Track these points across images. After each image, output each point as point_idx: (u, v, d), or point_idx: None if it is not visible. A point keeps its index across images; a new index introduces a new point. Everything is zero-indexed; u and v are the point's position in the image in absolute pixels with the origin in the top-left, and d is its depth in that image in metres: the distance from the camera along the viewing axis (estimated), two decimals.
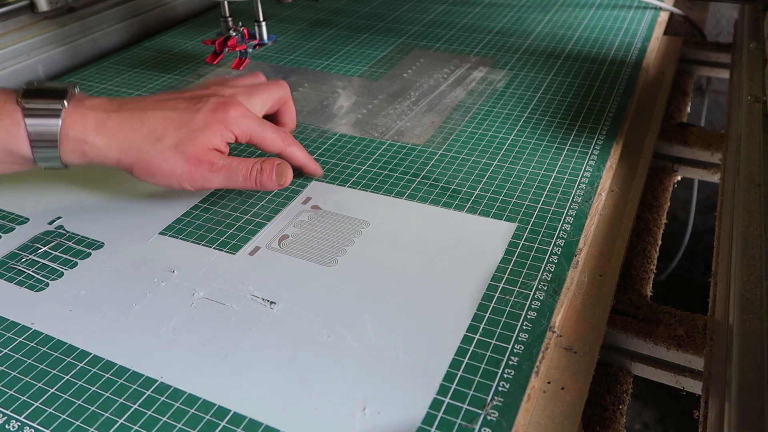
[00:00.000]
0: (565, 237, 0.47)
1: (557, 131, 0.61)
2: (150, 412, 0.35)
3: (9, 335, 0.40)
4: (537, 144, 0.59)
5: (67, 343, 0.40)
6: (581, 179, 0.54)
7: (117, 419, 0.35)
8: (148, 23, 0.92)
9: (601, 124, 0.62)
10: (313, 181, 0.55)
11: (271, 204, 0.52)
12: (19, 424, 0.35)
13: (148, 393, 0.36)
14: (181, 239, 0.48)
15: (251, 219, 0.50)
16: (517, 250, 0.46)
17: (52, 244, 0.48)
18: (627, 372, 0.45)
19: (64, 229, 0.50)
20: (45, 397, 0.36)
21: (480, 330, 0.40)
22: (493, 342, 0.39)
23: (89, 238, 0.49)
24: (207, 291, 0.43)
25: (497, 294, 0.42)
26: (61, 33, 0.81)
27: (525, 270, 0.44)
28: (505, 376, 0.37)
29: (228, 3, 0.72)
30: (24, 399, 0.36)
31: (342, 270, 0.45)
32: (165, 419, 0.35)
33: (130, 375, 0.37)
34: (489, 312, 0.41)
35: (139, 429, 0.34)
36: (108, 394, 0.36)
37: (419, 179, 0.55)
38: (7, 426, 0.35)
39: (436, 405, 0.35)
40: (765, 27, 0.67)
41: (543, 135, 0.61)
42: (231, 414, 0.35)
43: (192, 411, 0.35)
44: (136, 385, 0.37)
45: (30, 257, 0.47)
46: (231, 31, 0.73)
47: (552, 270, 0.44)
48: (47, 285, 0.44)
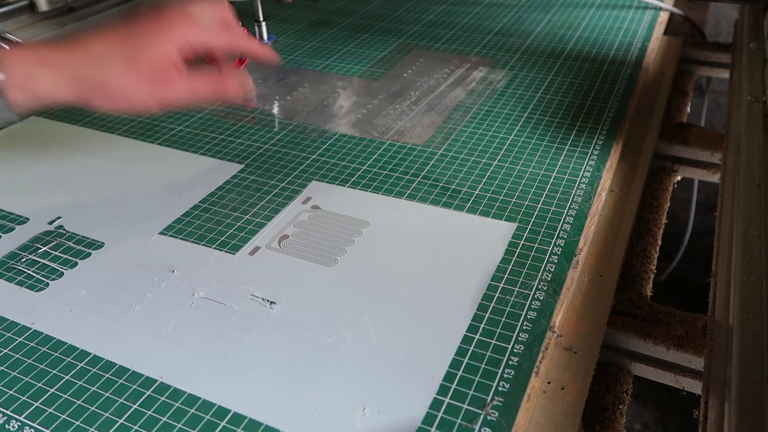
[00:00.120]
0: (565, 237, 0.47)
1: (557, 131, 0.61)
2: (150, 412, 0.35)
3: (9, 335, 0.40)
4: (537, 144, 0.59)
5: (67, 343, 0.40)
6: (581, 179, 0.54)
7: (117, 419, 0.35)
8: None
9: (601, 124, 0.62)
10: (313, 181, 0.55)
11: (271, 204, 0.52)
12: (19, 424, 0.35)
13: (148, 393, 0.36)
14: (181, 239, 0.48)
15: (251, 219, 0.50)
16: (517, 250, 0.46)
17: (52, 244, 0.48)
18: (627, 372, 0.45)
19: (64, 229, 0.50)
20: (45, 397, 0.36)
21: (480, 330, 0.40)
22: (493, 342, 0.39)
23: (89, 238, 0.49)
24: (207, 291, 0.43)
25: (497, 294, 0.42)
26: (61, 33, 0.81)
27: (525, 270, 0.44)
28: (505, 376, 0.37)
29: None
30: (24, 399, 0.36)
31: (342, 270, 0.45)
32: (165, 419, 0.35)
33: (130, 375, 0.37)
34: (489, 312, 0.41)
35: (139, 429, 0.34)
36: (108, 394, 0.36)
37: (419, 179, 0.55)
38: (7, 426, 0.35)
39: (436, 405, 0.35)
40: (765, 27, 0.67)
41: (543, 135, 0.61)
42: (231, 414, 0.35)
43: (192, 411, 0.35)
44: (136, 385, 0.37)
45: (30, 257, 0.47)
46: None
47: (552, 270, 0.44)
48: (47, 285, 0.44)
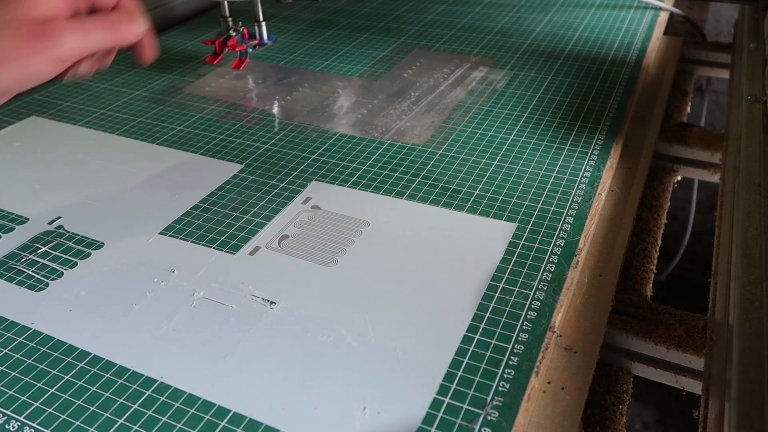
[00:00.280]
0: (565, 237, 0.47)
1: (557, 131, 0.61)
2: (150, 412, 0.35)
3: (9, 335, 0.40)
4: (537, 144, 0.59)
5: (67, 343, 0.40)
6: (581, 179, 0.54)
7: (117, 419, 0.35)
8: None
9: (601, 124, 0.62)
10: (313, 181, 0.55)
11: (271, 204, 0.52)
12: (19, 424, 0.35)
13: (148, 393, 0.36)
14: (181, 239, 0.48)
15: (251, 219, 0.50)
16: (517, 250, 0.46)
17: (52, 244, 0.48)
18: (627, 372, 0.45)
19: (64, 229, 0.50)
20: (45, 397, 0.36)
21: (480, 330, 0.40)
22: (493, 342, 0.39)
23: (89, 238, 0.49)
24: (207, 291, 0.43)
25: (497, 294, 0.42)
26: None
27: (525, 270, 0.44)
28: (505, 376, 0.37)
29: (228, 3, 0.72)
30: (24, 399, 0.36)
31: (342, 270, 0.45)
32: (165, 419, 0.35)
33: (130, 375, 0.37)
34: (489, 312, 0.41)
35: (139, 429, 0.34)
36: (108, 394, 0.36)
37: (419, 179, 0.55)
38: (7, 426, 0.35)
39: (436, 405, 0.35)
40: (765, 27, 0.67)
41: (543, 135, 0.61)
42: (231, 414, 0.35)
43: (192, 411, 0.35)
44: (136, 385, 0.37)
45: (30, 257, 0.47)
46: (231, 31, 0.73)
47: (552, 270, 0.44)
48: (47, 285, 0.44)
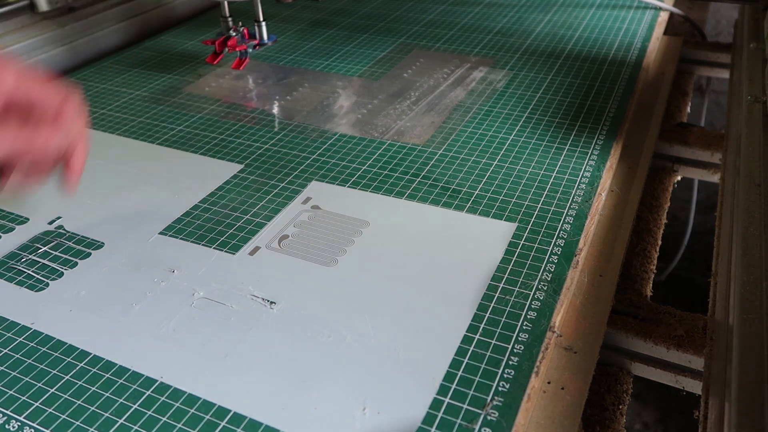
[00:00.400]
0: (565, 237, 0.47)
1: (557, 131, 0.61)
2: (150, 412, 0.35)
3: (9, 335, 0.40)
4: (537, 144, 0.59)
5: (67, 343, 0.40)
6: (581, 179, 0.54)
7: (117, 419, 0.35)
8: (148, 23, 0.92)
9: (601, 124, 0.62)
10: (313, 181, 0.55)
11: (271, 204, 0.52)
12: (19, 424, 0.35)
13: (148, 393, 0.36)
14: (181, 239, 0.48)
15: (251, 219, 0.50)
16: (517, 250, 0.46)
17: (52, 244, 0.48)
18: (627, 372, 0.45)
19: (64, 229, 0.50)
20: (45, 397, 0.36)
21: (480, 330, 0.40)
22: (493, 342, 0.39)
23: (89, 238, 0.49)
24: (207, 291, 0.43)
25: (497, 294, 0.42)
26: (61, 33, 0.81)
27: (525, 270, 0.44)
28: (505, 376, 0.37)
29: (228, 3, 0.72)
30: (24, 399, 0.36)
31: (342, 270, 0.45)
32: (165, 419, 0.35)
33: (130, 375, 0.37)
34: (489, 312, 0.41)
35: (139, 429, 0.34)
36: (108, 394, 0.36)
37: (419, 179, 0.55)
38: (7, 426, 0.35)
39: (436, 405, 0.35)
40: (765, 27, 0.67)
41: (543, 135, 0.61)
42: (231, 414, 0.35)
43: (192, 411, 0.35)
44: (136, 385, 0.37)
45: (30, 257, 0.47)
46: (231, 31, 0.73)
47: (552, 270, 0.44)
48: (47, 285, 0.44)
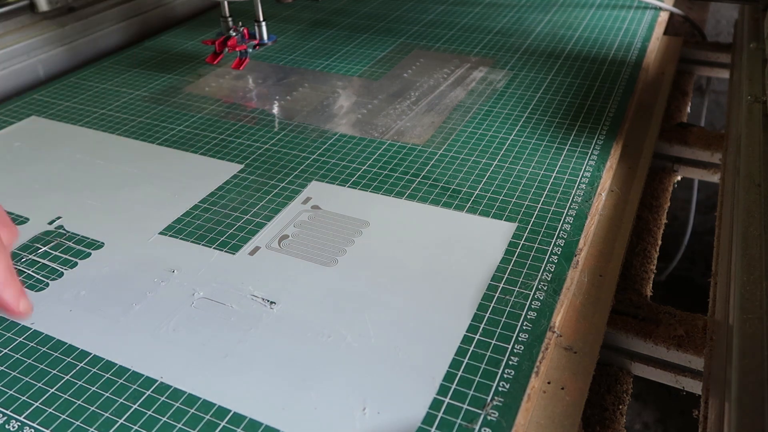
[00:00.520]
0: (565, 237, 0.47)
1: (557, 131, 0.61)
2: (150, 412, 0.35)
3: (9, 335, 0.40)
4: (537, 144, 0.59)
5: (67, 343, 0.40)
6: (581, 179, 0.54)
7: (117, 419, 0.35)
8: (148, 23, 0.92)
9: (601, 124, 0.62)
10: (313, 181, 0.55)
11: (271, 204, 0.52)
12: (19, 424, 0.35)
13: (148, 393, 0.36)
14: (181, 239, 0.48)
15: (251, 219, 0.50)
16: (517, 250, 0.46)
17: (52, 244, 0.48)
18: (627, 372, 0.45)
19: (64, 229, 0.50)
20: (45, 397, 0.36)
21: (480, 330, 0.40)
22: (493, 342, 0.39)
23: (89, 238, 0.49)
24: (207, 291, 0.43)
25: (497, 294, 0.42)
26: (61, 33, 0.81)
27: (525, 270, 0.44)
28: (505, 376, 0.37)
29: (228, 3, 0.72)
30: (24, 399, 0.36)
31: (342, 270, 0.45)
32: (165, 419, 0.35)
33: (130, 375, 0.37)
34: (489, 312, 0.41)
35: (139, 429, 0.34)
36: (108, 394, 0.36)
37: (419, 179, 0.55)
38: (7, 426, 0.35)
39: (436, 405, 0.35)
40: (765, 27, 0.67)
41: (543, 135, 0.61)
42: (231, 414, 0.35)
43: (192, 411, 0.35)
44: (136, 385, 0.37)
45: (30, 257, 0.47)
46: (231, 31, 0.73)
47: (552, 270, 0.44)
48: (47, 285, 0.44)
